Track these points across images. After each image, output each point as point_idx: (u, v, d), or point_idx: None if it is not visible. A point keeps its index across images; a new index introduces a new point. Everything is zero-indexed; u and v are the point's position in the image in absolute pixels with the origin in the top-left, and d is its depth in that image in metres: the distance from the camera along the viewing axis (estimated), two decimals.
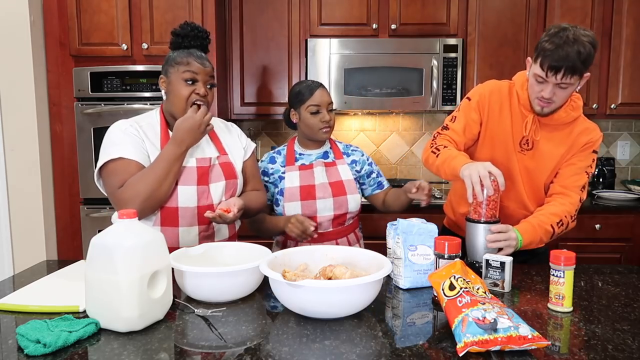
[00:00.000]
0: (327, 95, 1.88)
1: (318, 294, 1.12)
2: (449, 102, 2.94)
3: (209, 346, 1.05)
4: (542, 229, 1.60)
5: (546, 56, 1.50)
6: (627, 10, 2.92)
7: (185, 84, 1.55)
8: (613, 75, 2.97)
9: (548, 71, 1.50)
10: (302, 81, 1.93)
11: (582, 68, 1.49)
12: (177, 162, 1.51)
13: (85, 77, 2.70)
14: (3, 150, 2.67)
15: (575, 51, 1.46)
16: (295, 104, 1.90)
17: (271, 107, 3.07)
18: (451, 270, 1.18)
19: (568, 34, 1.48)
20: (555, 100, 1.57)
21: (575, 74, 1.49)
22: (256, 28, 3.01)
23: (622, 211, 2.79)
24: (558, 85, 1.52)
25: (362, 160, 2.00)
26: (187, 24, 1.60)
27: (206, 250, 1.44)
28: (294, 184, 1.87)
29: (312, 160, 1.93)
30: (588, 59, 1.48)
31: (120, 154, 1.50)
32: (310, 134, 1.89)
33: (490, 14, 2.95)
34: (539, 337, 1.00)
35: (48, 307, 1.23)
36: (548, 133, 1.69)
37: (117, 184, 1.50)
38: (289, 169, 1.90)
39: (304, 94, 1.86)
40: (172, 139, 1.51)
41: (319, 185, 1.87)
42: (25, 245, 2.73)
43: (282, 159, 1.94)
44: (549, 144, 1.69)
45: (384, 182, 2.04)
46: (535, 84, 1.57)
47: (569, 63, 1.47)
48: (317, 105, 1.84)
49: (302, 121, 1.88)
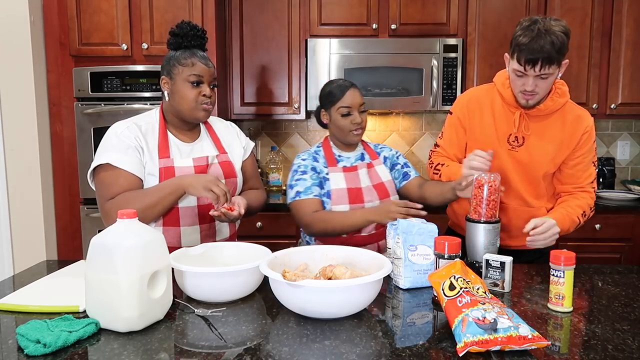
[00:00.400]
0: (359, 96, 1.81)
1: (318, 294, 1.12)
2: (449, 102, 2.94)
3: (209, 346, 1.05)
4: (570, 219, 1.66)
5: (522, 50, 1.52)
6: (627, 10, 2.92)
7: (191, 86, 1.55)
8: (613, 75, 2.97)
9: (526, 65, 1.53)
10: (333, 80, 1.86)
11: (559, 57, 1.52)
12: (170, 197, 1.50)
13: (85, 77, 2.70)
14: (3, 150, 2.67)
15: (549, 42, 1.48)
16: (326, 104, 1.83)
17: (271, 107, 3.07)
18: (451, 270, 1.18)
19: (539, 26, 1.51)
20: (539, 91, 1.59)
21: (553, 64, 1.52)
22: (256, 28, 3.01)
23: (622, 211, 2.79)
24: (538, 76, 1.55)
25: (392, 155, 1.94)
26: (185, 23, 1.59)
27: (206, 250, 1.44)
28: (340, 186, 1.79)
29: (353, 162, 1.86)
30: (562, 48, 1.51)
31: (110, 161, 1.50)
32: (341, 136, 1.82)
33: (490, 14, 2.95)
34: (539, 337, 1.00)
35: (48, 307, 1.23)
36: (539, 124, 1.70)
37: (107, 195, 1.50)
38: (332, 169, 1.82)
39: (335, 95, 1.79)
40: (180, 177, 1.51)
41: (365, 188, 1.81)
42: (25, 245, 2.73)
43: (322, 159, 1.85)
44: (542, 136, 1.70)
45: (410, 172, 1.91)
46: (516, 78, 1.60)
47: (544, 54, 1.49)
48: (348, 107, 1.77)
49: (333, 123, 1.82)
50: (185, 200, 1.57)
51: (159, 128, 1.60)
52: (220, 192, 1.44)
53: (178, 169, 1.57)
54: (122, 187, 1.50)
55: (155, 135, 1.59)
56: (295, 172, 1.82)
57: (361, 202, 1.78)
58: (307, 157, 1.85)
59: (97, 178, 1.54)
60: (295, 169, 1.83)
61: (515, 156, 1.71)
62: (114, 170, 1.50)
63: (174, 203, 1.53)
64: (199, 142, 1.66)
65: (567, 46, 1.54)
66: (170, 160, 1.57)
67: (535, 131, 1.69)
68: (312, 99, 2.97)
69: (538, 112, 1.67)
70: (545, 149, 1.69)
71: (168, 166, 1.56)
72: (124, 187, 1.50)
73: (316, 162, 1.83)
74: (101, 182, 1.52)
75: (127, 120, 1.61)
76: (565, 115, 1.70)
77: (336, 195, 1.78)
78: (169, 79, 1.58)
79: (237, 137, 1.78)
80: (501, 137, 1.72)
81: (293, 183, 1.80)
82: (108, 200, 1.50)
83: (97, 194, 1.55)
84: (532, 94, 1.60)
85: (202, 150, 1.65)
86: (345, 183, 1.80)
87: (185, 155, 1.61)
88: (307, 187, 1.77)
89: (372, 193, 1.81)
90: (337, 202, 1.77)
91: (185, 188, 1.48)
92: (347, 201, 1.78)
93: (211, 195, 1.45)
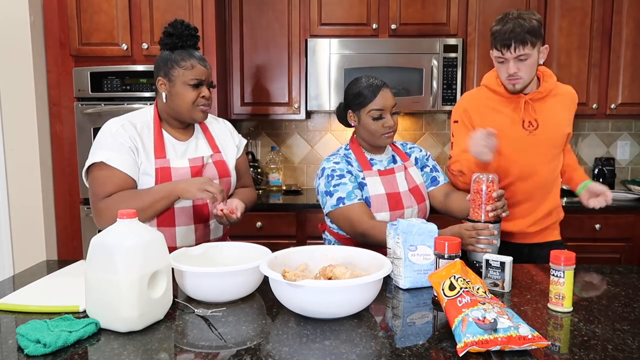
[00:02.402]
0: (391, 97, 1.67)
1: (318, 294, 1.12)
2: (449, 102, 2.94)
3: (209, 346, 1.05)
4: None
5: (496, 37, 1.70)
6: (627, 10, 2.92)
7: (191, 89, 1.55)
8: (613, 75, 2.97)
9: (502, 49, 1.68)
10: (360, 78, 1.71)
11: (530, 38, 1.65)
12: (163, 201, 1.50)
13: (85, 77, 2.70)
14: (3, 150, 2.67)
15: (519, 24, 1.64)
16: (353, 105, 1.69)
17: (271, 107, 3.07)
18: (451, 270, 1.18)
19: (511, 15, 1.68)
20: (522, 75, 1.71)
21: (526, 44, 1.65)
22: (256, 28, 3.01)
23: (622, 211, 2.79)
24: (517, 58, 1.68)
25: (422, 156, 1.86)
26: (179, 22, 1.57)
27: (206, 250, 1.44)
28: (379, 192, 1.67)
29: (386, 165, 1.76)
30: (532, 30, 1.65)
31: (104, 160, 1.50)
32: (371, 139, 1.70)
33: (490, 14, 2.95)
34: (539, 337, 1.00)
35: (48, 307, 1.22)
36: (543, 105, 1.82)
37: (100, 194, 1.50)
38: (368, 174, 1.70)
39: (366, 97, 1.65)
40: (174, 182, 1.51)
41: (403, 193, 1.71)
42: (25, 245, 2.73)
43: (355, 163, 1.73)
44: (549, 114, 1.81)
45: (440, 177, 1.83)
46: (500, 66, 1.74)
47: (515, 35, 1.64)
48: (381, 110, 1.65)
49: (363, 126, 1.69)
50: (181, 201, 1.57)
51: (154, 127, 1.60)
52: (215, 191, 1.45)
53: (174, 169, 1.57)
54: (117, 186, 1.50)
55: (150, 135, 1.59)
56: (332, 177, 1.67)
57: (401, 208, 1.69)
58: (340, 161, 1.71)
59: (90, 175, 1.54)
60: (330, 173, 1.68)
61: (535, 138, 1.80)
62: (109, 169, 1.50)
63: (166, 208, 1.53)
64: (193, 140, 1.66)
65: (540, 31, 1.68)
66: (166, 160, 1.57)
67: (543, 112, 1.81)
68: (312, 99, 2.97)
69: (539, 94, 1.79)
70: (558, 123, 1.82)
71: (164, 166, 1.56)
72: (119, 186, 1.50)
73: (350, 166, 1.71)
74: (95, 180, 1.52)
75: (121, 117, 1.60)
76: (559, 92, 1.85)
77: (376, 202, 1.66)
78: (167, 81, 1.56)
79: (230, 135, 1.78)
80: (516, 124, 1.80)
81: (332, 189, 1.66)
82: (101, 199, 1.50)
83: (91, 192, 1.54)
84: (516, 78, 1.72)
85: (197, 149, 1.65)
86: (384, 188, 1.69)
87: (181, 154, 1.61)
88: (349, 192, 1.64)
89: (410, 198, 1.73)
90: (377, 210, 1.66)
91: (179, 194, 1.49)
92: (388, 208, 1.68)
93: (206, 194, 1.45)
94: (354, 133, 1.80)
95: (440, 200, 1.79)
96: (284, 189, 3.23)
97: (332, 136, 3.40)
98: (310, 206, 2.82)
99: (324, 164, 1.73)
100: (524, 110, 1.78)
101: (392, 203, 1.69)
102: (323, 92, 2.96)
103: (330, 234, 1.80)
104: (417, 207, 1.74)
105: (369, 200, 1.68)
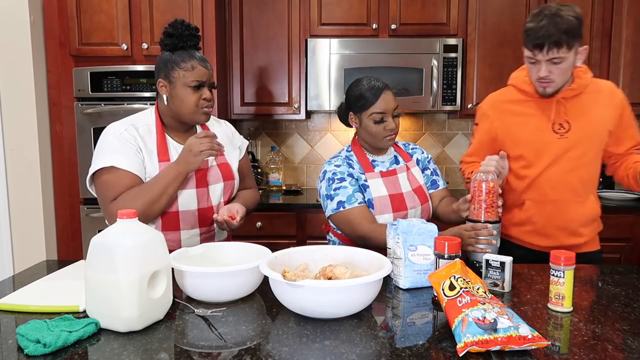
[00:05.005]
0: (393, 99, 1.67)
1: (318, 294, 1.12)
2: (449, 102, 2.94)
3: (209, 346, 1.05)
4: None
5: (529, 35, 1.52)
6: (627, 10, 2.92)
7: (192, 91, 1.53)
8: (613, 75, 2.97)
9: (534, 50, 1.52)
10: (362, 80, 1.70)
11: (567, 39, 1.48)
12: (174, 184, 1.49)
13: (85, 77, 2.70)
14: (3, 150, 2.67)
15: (554, 24, 1.46)
16: (355, 108, 1.69)
17: (271, 107, 3.08)
18: (451, 270, 1.18)
19: (547, 11, 1.49)
20: (554, 78, 1.56)
21: (561, 47, 1.48)
22: (256, 28, 3.01)
23: (622, 211, 2.79)
24: (550, 61, 1.52)
25: (424, 158, 1.86)
26: (179, 23, 1.55)
27: (206, 251, 1.44)
28: (382, 193, 1.67)
29: (388, 167, 1.75)
30: (570, 30, 1.47)
31: (112, 163, 1.48)
32: (372, 142, 1.70)
33: (490, 14, 2.95)
34: (539, 337, 1.00)
35: (48, 307, 1.22)
36: (576, 104, 1.66)
37: (110, 196, 1.49)
38: (370, 175, 1.70)
39: (368, 99, 1.65)
40: (173, 165, 1.50)
41: (406, 193, 1.71)
42: (25, 245, 2.73)
43: (357, 165, 1.72)
44: (583, 113, 1.66)
45: (439, 182, 1.83)
46: (531, 67, 1.59)
47: (550, 37, 1.47)
48: (382, 112, 1.64)
49: (364, 128, 1.69)
50: (185, 205, 1.57)
51: (157, 130, 1.59)
52: (208, 146, 1.45)
53: None
54: (127, 188, 1.49)
55: (153, 138, 1.58)
56: (332, 180, 1.68)
57: (404, 208, 1.69)
58: (341, 163, 1.71)
59: (98, 180, 1.52)
60: (331, 177, 1.68)
61: (567, 142, 1.66)
62: (118, 171, 1.49)
63: (177, 190, 1.52)
64: None
65: (579, 31, 1.49)
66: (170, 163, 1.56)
67: (575, 112, 1.65)
68: (312, 99, 2.97)
69: (572, 92, 1.64)
70: (594, 120, 1.66)
71: None
72: (129, 187, 1.49)
73: (351, 169, 1.70)
74: (104, 184, 1.50)
75: (123, 121, 1.59)
76: (594, 88, 1.68)
77: (379, 204, 1.66)
78: (168, 83, 1.55)
79: (232, 137, 1.77)
80: (544, 128, 1.67)
81: (332, 193, 1.66)
82: (112, 201, 1.49)
83: (100, 197, 1.53)
84: (547, 82, 1.57)
85: None
86: (386, 189, 1.69)
87: None
88: (349, 195, 1.64)
89: (414, 198, 1.73)
90: (381, 211, 1.66)
91: (186, 171, 1.49)
92: (391, 209, 1.68)
93: (206, 154, 1.46)
94: (355, 134, 1.80)
95: (435, 203, 1.81)
96: (284, 189, 3.23)
97: (332, 136, 3.40)
98: (311, 206, 2.82)
99: (325, 167, 1.74)
100: (555, 111, 1.63)
101: (395, 204, 1.69)
102: (323, 92, 2.96)
103: (334, 235, 1.80)
104: (420, 207, 1.74)
105: (371, 202, 1.67)
